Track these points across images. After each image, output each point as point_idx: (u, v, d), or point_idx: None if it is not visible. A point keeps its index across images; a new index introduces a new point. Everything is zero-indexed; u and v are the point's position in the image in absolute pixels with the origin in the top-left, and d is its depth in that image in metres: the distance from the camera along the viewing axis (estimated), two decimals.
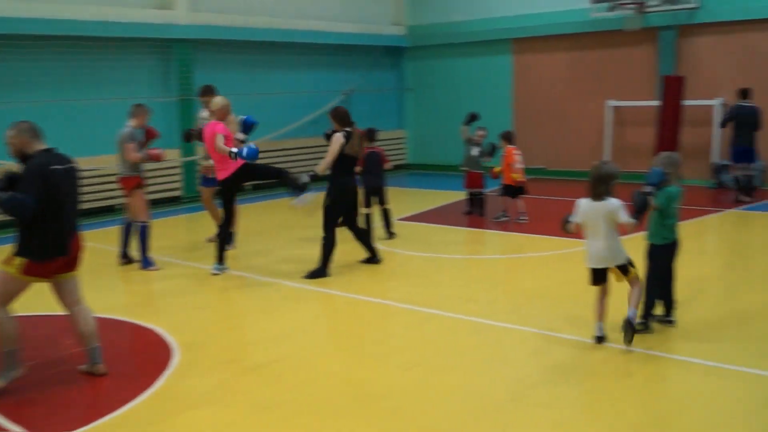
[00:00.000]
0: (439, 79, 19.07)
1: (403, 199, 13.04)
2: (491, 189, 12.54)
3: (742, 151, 13.20)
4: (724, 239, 10.91)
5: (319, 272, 8.45)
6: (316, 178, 8.63)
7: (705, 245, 10.39)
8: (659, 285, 6.32)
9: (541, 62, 17.60)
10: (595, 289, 6.10)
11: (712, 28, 15.08)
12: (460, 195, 13.14)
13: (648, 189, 5.99)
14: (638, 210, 5.94)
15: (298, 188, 8.51)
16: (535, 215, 11.60)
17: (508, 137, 11.68)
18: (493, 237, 11.03)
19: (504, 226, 11.27)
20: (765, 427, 4.55)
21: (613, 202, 5.86)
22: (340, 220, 8.76)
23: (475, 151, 12.02)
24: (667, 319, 6.43)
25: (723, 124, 13.64)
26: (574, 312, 6.84)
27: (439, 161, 18.78)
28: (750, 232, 11.00)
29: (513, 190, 11.54)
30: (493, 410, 4.89)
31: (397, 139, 19.61)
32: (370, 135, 10.29)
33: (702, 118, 15.08)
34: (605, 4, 15.37)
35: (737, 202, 12.89)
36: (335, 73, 17.91)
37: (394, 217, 11.06)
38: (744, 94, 13.30)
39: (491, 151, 11.83)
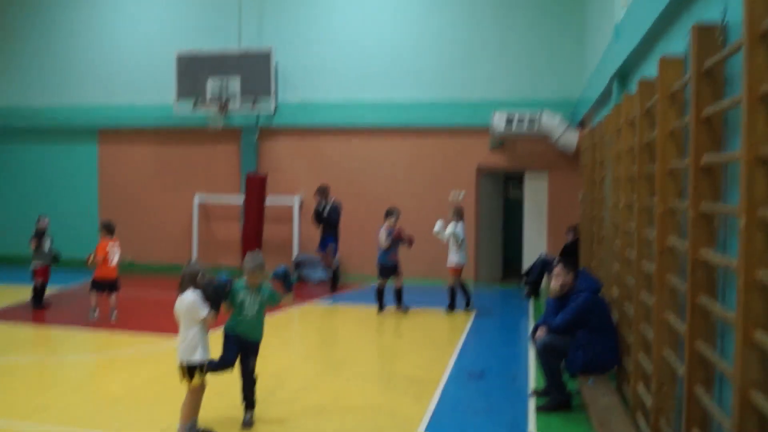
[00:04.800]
0: (20, 165, 17.83)
1: None
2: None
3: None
4: (305, 331, 11.57)
5: None
6: None
7: (287, 338, 10.93)
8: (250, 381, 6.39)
9: (127, 154, 17.41)
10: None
11: (288, 131, 16.38)
12: (24, 289, 12.64)
13: (292, 280, 6.44)
14: (212, 301, 6.02)
15: None
16: (124, 310, 11.21)
17: (107, 228, 11.17)
18: (76, 335, 10.37)
19: (90, 323, 10.71)
20: None
21: (186, 297, 5.96)
22: None
23: (48, 244, 11.96)
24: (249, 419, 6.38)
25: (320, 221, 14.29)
26: (155, 413, 6.68)
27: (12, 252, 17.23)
28: (328, 323, 11.80)
29: (103, 285, 11.07)
30: None
31: None
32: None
33: (284, 215, 16.14)
34: (189, 102, 15.82)
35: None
36: None
37: None
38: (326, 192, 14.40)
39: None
